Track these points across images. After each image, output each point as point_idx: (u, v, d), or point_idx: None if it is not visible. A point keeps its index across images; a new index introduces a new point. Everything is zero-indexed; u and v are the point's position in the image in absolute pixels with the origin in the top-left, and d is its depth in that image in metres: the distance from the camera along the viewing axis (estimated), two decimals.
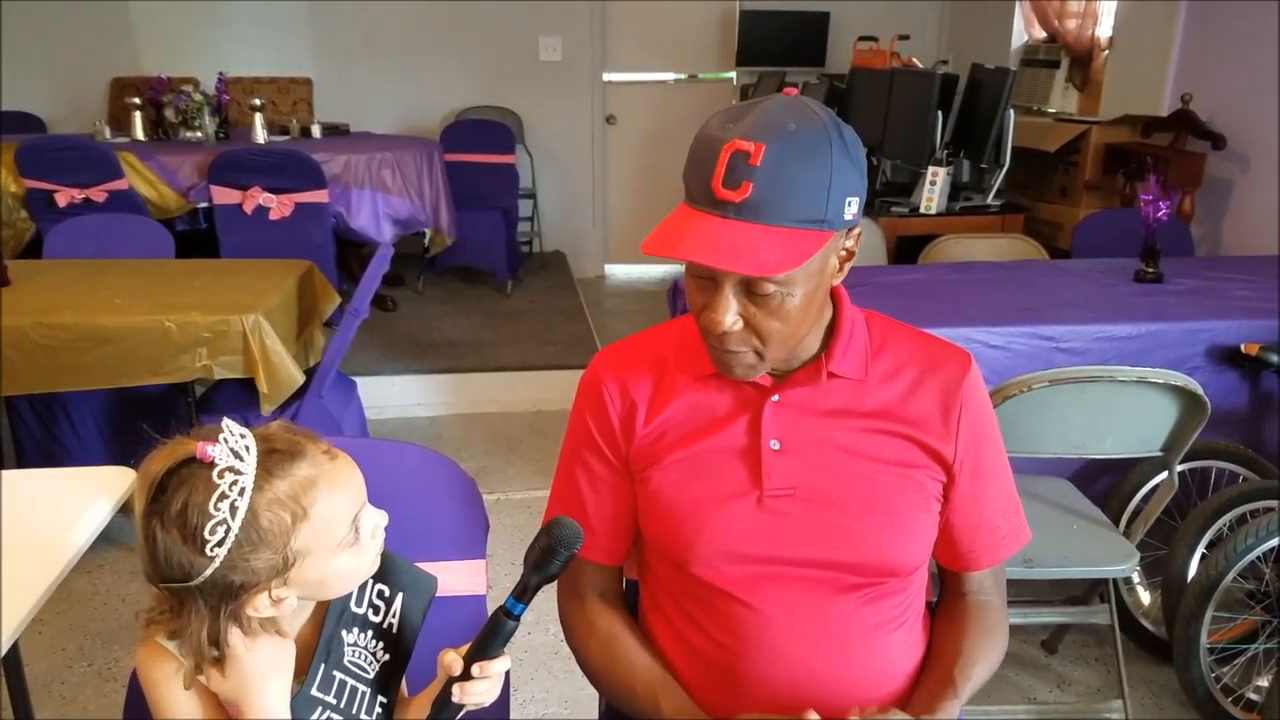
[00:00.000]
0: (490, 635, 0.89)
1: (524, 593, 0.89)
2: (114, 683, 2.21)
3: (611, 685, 1.10)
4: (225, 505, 0.80)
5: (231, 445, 0.82)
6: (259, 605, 0.85)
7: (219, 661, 0.86)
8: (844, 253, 0.98)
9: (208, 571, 0.81)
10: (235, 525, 0.80)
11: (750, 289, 0.92)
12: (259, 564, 0.82)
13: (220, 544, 0.80)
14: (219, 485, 0.80)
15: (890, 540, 1.01)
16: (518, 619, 0.89)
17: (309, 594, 0.89)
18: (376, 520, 0.92)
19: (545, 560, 0.89)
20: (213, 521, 0.80)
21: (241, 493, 0.81)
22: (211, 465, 0.81)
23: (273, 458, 0.84)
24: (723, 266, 0.88)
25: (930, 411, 1.03)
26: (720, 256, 0.87)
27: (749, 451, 1.03)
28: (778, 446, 1.02)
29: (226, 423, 0.84)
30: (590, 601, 1.14)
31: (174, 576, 0.82)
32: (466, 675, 0.89)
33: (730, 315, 0.93)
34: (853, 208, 0.92)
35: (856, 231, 0.97)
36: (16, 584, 1.18)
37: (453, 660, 0.90)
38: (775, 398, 1.03)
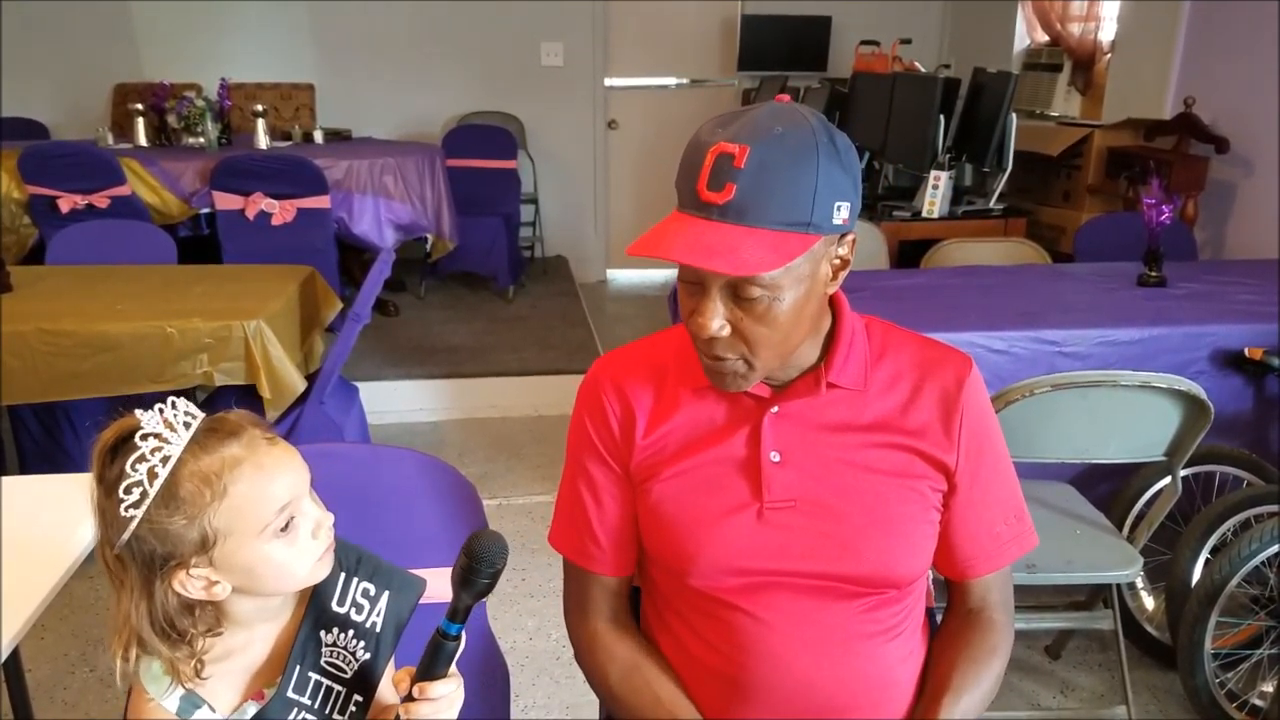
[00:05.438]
0: (431, 657, 0.87)
1: (456, 613, 0.87)
2: (116, 688, 2.20)
3: (634, 715, 1.07)
4: (143, 468, 0.82)
5: (166, 416, 0.84)
6: (184, 583, 0.85)
7: (173, 642, 0.86)
8: (837, 260, 0.96)
9: (126, 534, 0.83)
10: (151, 490, 0.82)
11: (737, 294, 0.91)
12: (175, 530, 0.83)
13: (136, 505, 0.82)
14: (140, 448, 0.82)
15: (891, 551, 1.00)
16: (456, 638, 0.87)
17: (243, 584, 0.88)
18: (318, 517, 0.90)
19: (468, 579, 0.86)
20: (128, 481, 0.82)
21: (165, 461, 0.82)
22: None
23: (210, 435, 0.86)
24: (701, 265, 0.87)
25: (931, 420, 1.02)
26: (699, 255, 0.87)
27: (749, 463, 1.02)
28: (778, 458, 1.01)
29: (173, 399, 0.86)
30: (601, 625, 1.12)
31: (108, 542, 0.84)
32: (411, 696, 0.88)
33: (717, 320, 0.92)
34: (843, 213, 0.91)
35: (850, 239, 0.96)
36: (18, 589, 1.18)
37: (399, 680, 0.89)
38: (775, 409, 1.02)
